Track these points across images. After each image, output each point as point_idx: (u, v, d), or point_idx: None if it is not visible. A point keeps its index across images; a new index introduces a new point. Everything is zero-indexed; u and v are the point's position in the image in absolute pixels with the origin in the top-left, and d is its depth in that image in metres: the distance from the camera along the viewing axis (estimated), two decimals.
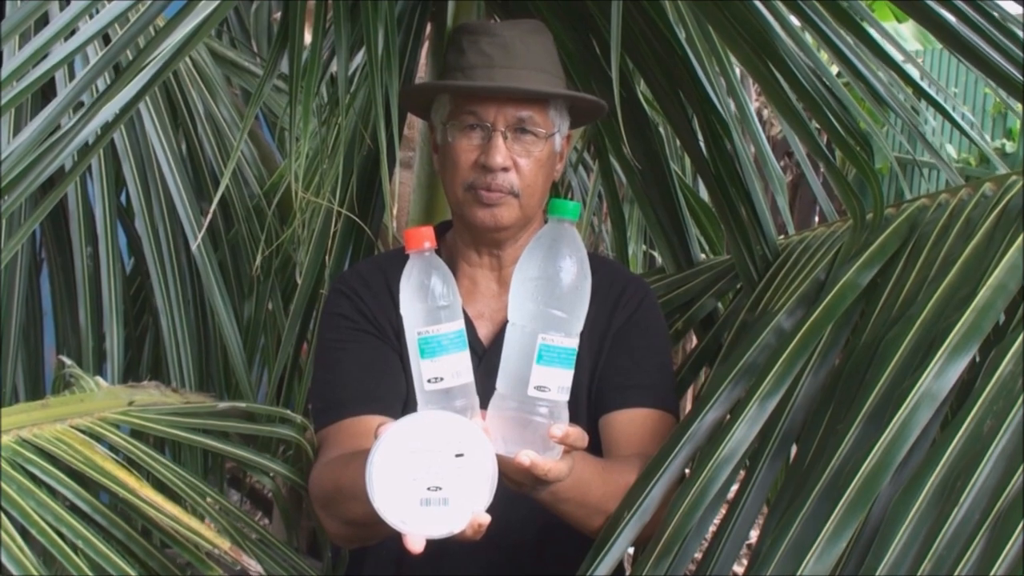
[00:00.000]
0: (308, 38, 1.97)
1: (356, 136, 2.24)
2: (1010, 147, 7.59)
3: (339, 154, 2.10)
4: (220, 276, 2.44)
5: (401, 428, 1.38)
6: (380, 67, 1.83)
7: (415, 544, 1.38)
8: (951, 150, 7.45)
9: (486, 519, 1.40)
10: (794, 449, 1.70)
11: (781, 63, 1.95)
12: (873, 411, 1.53)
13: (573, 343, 1.48)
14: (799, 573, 1.38)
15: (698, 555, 1.64)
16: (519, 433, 1.46)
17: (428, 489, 1.37)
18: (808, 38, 2.25)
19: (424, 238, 1.49)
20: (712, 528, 1.65)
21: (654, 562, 1.55)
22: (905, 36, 7.02)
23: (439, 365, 1.46)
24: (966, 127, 2.59)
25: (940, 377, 1.50)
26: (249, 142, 2.78)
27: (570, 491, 1.57)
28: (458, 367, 1.47)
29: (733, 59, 2.33)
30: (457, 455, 1.37)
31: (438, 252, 1.51)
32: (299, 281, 2.31)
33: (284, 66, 1.97)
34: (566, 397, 1.48)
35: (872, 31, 2.10)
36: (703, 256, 2.51)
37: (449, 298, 1.48)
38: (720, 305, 2.34)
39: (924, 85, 2.55)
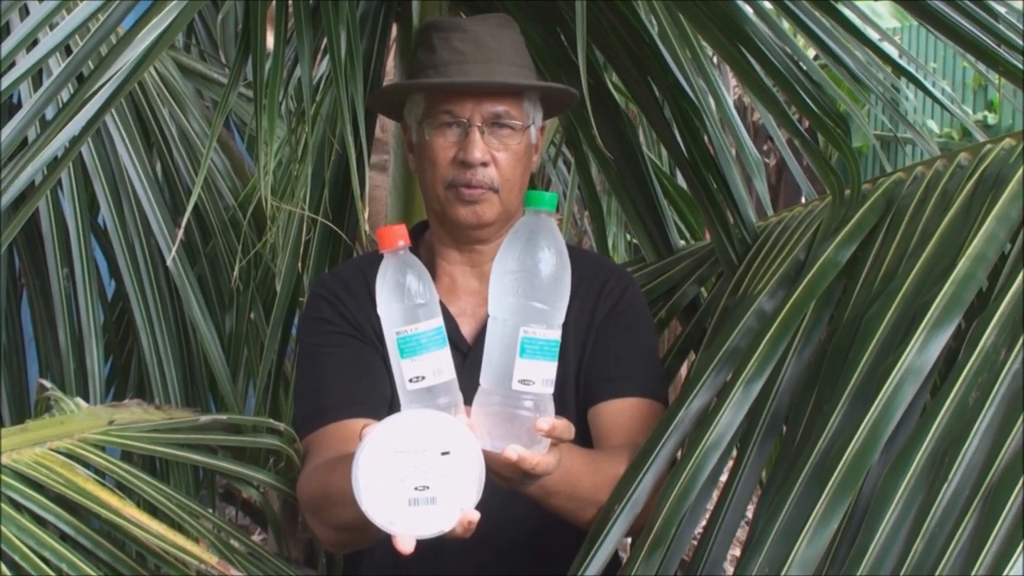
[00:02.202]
0: (271, 43, 1.95)
1: (326, 141, 2.23)
2: (992, 119, 7.60)
3: (308, 161, 2.09)
4: (199, 290, 2.42)
5: (385, 429, 1.36)
6: (344, 71, 1.82)
7: (405, 545, 1.37)
8: (933, 125, 7.46)
9: (475, 516, 1.39)
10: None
11: (752, 46, 1.94)
12: (858, 389, 1.52)
13: (555, 335, 1.46)
14: (791, 557, 1.36)
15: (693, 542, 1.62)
16: (505, 428, 1.45)
17: (415, 489, 1.35)
18: (785, 24, 2.25)
19: (398, 237, 1.47)
20: (706, 515, 1.63)
21: (647, 552, 1.53)
22: (881, 14, 7.02)
23: (420, 364, 1.45)
24: (946, 101, 2.58)
25: (923, 352, 1.48)
26: (221, 153, 2.76)
27: (559, 484, 1.56)
28: (439, 365, 1.46)
29: (707, 46, 2.32)
30: (443, 453, 1.36)
31: (416, 252, 1.50)
32: (278, 288, 2.29)
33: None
34: (551, 390, 1.47)
35: (846, 11, 2.09)
36: (683, 243, 2.50)
37: (426, 295, 1.46)
38: (703, 290, 2.32)
39: (902, 62, 2.54)
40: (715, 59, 2.89)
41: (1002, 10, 1.88)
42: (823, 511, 1.38)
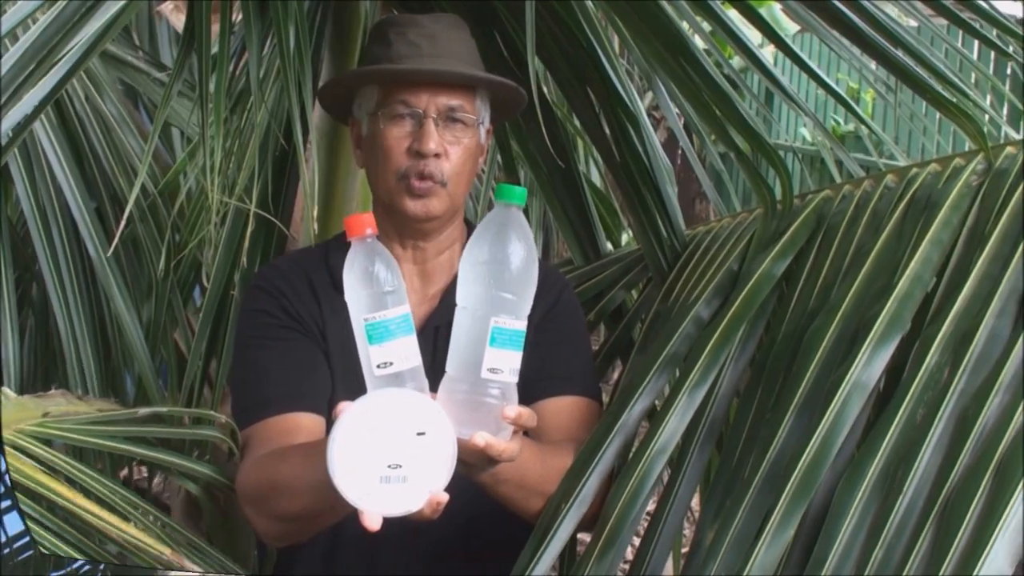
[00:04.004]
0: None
1: (268, 134, 2.22)
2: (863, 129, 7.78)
3: (236, 153, 2.08)
4: (121, 279, 2.39)
5: (363, 406, 1.38)
6: (293, 66, 1.81)
7: (373, 522, 1.38)
8: (805, 133, 7.64)
9: (444, 498, 1.41)
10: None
11: (694, 60, 1.99)
12: (805, 400, 1.58)
13: (522, 325, 1.50)
14: (749, 564, 1.41)
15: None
16: (471, 415, 1.47)
17: (388, 467, 1.37)
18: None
19: (366, 225, 1.50)
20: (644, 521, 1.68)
21: (598, 556, 1.58)
22: (780, 19, 7.13)
23: (387, 350, 1.47)
24: (808, 109, 2.64)
25: (868, 366, 1.54)
26: (139, 138, 2.72)
27: (510, 472, 1.59)
28: (406, 351, 1.48)
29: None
30: (418, 434, 1.38)
31: None
32: (204, 280, 2.27)
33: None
34: (516, 379, 1.50)
35: (733, 13, 2.14)
36: (610, 247, 2.54)
37: (394, 283, 1.49)
38: (633, 294, 2.37)
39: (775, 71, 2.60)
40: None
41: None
42: (780, 519, 1.43)
